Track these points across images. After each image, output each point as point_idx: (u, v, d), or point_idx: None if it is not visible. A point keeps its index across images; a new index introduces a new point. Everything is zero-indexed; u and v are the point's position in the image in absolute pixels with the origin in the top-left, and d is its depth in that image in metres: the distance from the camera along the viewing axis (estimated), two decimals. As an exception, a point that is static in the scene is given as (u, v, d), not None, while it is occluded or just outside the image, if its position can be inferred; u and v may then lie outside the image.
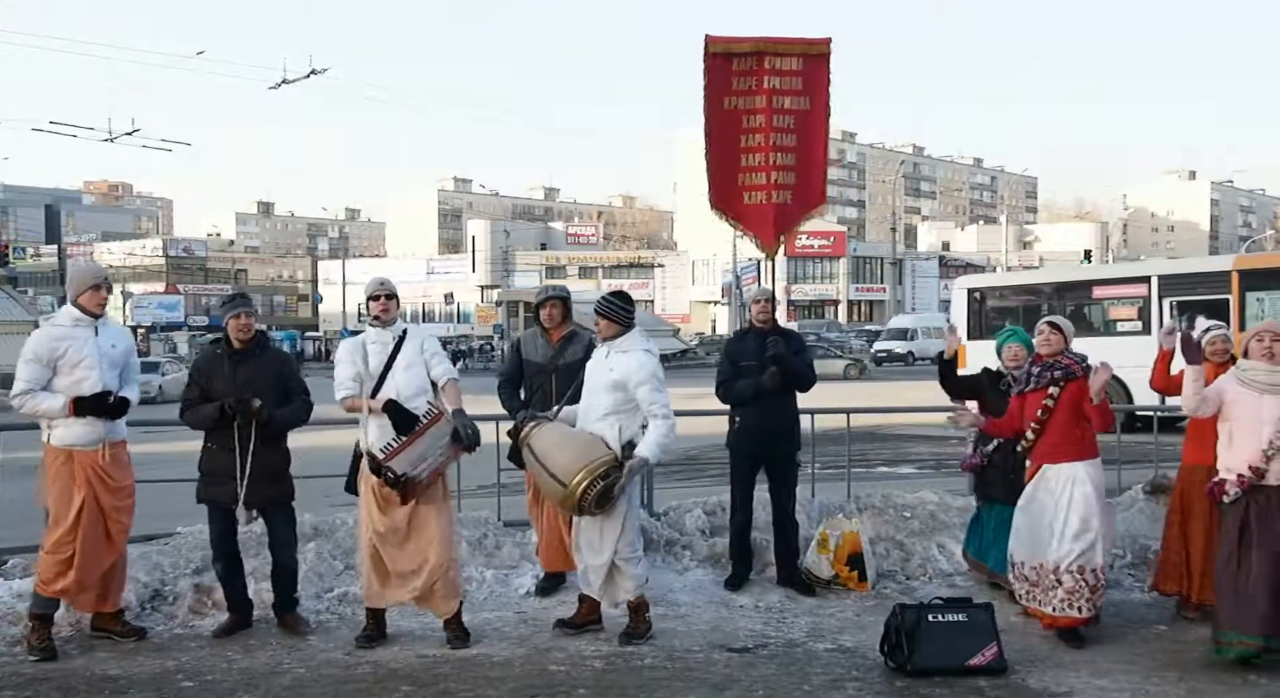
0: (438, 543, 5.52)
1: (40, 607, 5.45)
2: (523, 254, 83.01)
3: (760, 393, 6.48)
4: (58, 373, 5.42)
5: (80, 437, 5.43)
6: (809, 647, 5.57)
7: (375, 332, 5.73)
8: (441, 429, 5.46)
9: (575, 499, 5.27)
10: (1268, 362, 5.17)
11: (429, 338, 5.82)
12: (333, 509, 7.43)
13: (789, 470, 6.73)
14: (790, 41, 6.62)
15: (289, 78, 32.95)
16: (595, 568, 5.54)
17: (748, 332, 6.79)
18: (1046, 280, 20.86)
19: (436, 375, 5.69)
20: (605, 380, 5.52)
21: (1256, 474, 5.09)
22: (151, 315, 74.59)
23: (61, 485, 5.42)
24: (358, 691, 4.92)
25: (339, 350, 5.89)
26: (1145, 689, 4.87)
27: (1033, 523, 5.67)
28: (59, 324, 5.54)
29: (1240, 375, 5.25)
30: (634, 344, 5.61)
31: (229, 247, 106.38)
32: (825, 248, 73.48)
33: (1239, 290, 15.82)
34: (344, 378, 5.67)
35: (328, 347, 62.09)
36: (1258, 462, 5.09)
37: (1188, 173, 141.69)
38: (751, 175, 6.58)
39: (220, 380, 5.65)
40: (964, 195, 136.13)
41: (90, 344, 5.45)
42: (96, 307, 5.52)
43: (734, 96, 6.56)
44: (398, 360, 5.63)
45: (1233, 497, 5.16)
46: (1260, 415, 5.09)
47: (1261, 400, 5.12)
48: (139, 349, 37.46)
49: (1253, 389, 5.16)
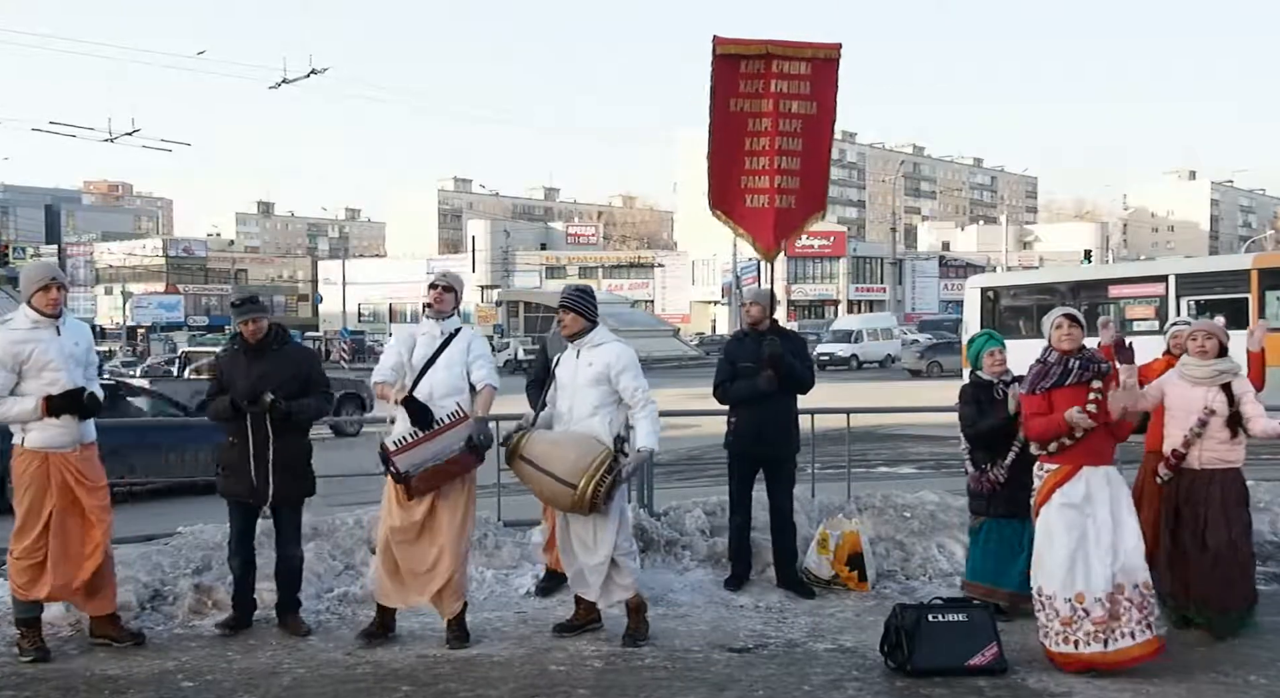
0: (450, 547, 5.50)
1: (22, 612, 5.40)
2: (523, 254, 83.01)
3: (757, 394, 6.48)
4: (24, 377, 5.28)
5: (55, 438, 5.34)
6: (809, 647, 5.57)
7: (429, 323, 5.70)
8: (459, 433, 5.44)
9: (588, 498, 5.26)
10: (1200, 357, 5.68)
11: (479, 339, 5.80)
12: (332, 509, 7.43)
13: (786, 472, 6.71)
14: (799, 45, 6.59)
15: (289, 78, 32.97)
16: (594, 567, 5.51)
17: (747, 333, 6.78)
18: (1062, 279, 20.72)
19: (476, 379, 5.64)
20: (585, 377, 5.50)
21: (1177, 457, 5.67)
22: (151, 315, 74.66)
23: (36, 489, 5.33)
24: (358, 691, 4.92)
25: (393, 334, 5.90)
26: (1145, 689, 4.86)
27: (1097, 539, 5.11)
28: (17, 328, 5.33)
29: (1180, 370, 5.79)
30: (605, 337, 5.62)
31: (229, 247, 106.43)
32: (825, 248, 73.44)
33: (1259, 289, 15.70)
34: (384, 364, 5.72)
35: (328, 347, 62.03)
36: (1180, 446, 5.65)
37: (1188, 173, 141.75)
38: (755, 178, 6.55)
39: (239, 376, 5.68)
40: (964, 195, 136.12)
41: (54, 345, 5.32)
42: (49, 306, 5.34)
43: (740, 99, 6.53)
44: (441, 358, 5.60)
45: (1164, 477, 5.75)
46: (1190, 405, 5.63)
47: (1193, 391, 5.65)
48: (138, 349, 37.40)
49: (1186, 381, 5.70)
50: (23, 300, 5.41)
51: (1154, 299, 17.11)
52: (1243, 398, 5.58)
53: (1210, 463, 5.61)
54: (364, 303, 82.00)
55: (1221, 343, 5.68)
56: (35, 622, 5.44)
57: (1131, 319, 17.50)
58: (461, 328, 5.73)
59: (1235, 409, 5.57)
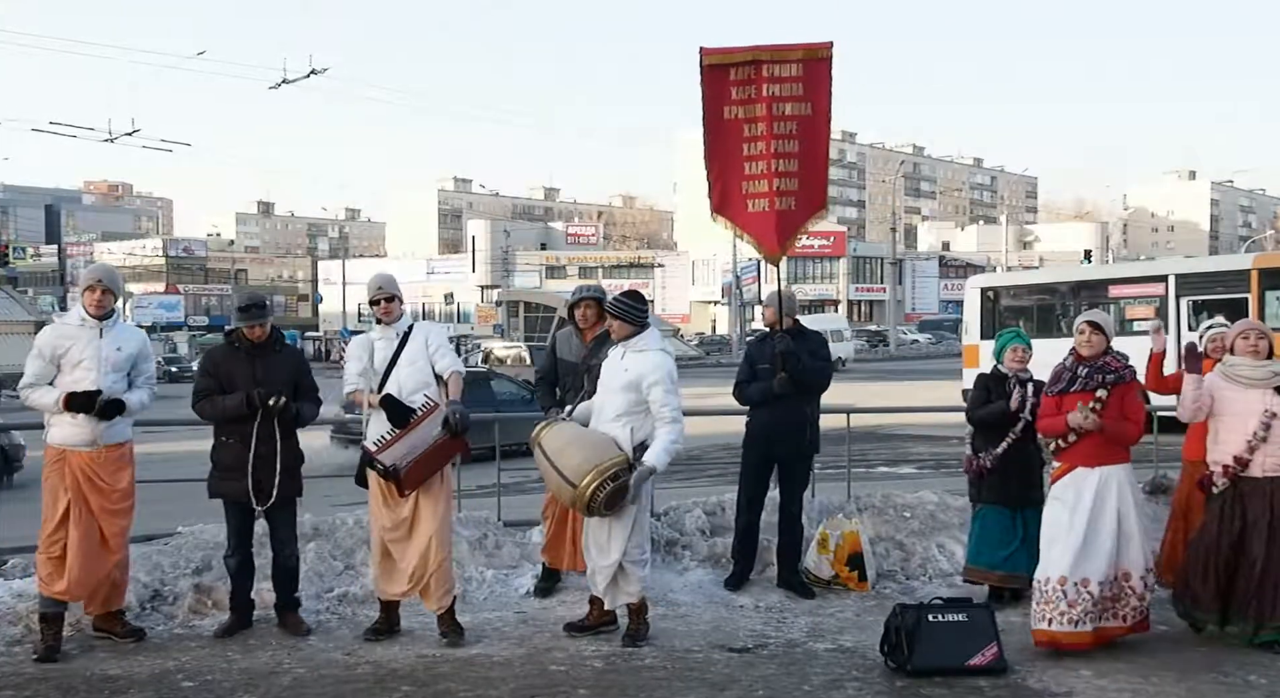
0: (435, 538, 5.56)
1: (44, 606, 5.45)
2: (523, 254, 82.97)
3: (770, 396, 6.49)
4: (61, 371, 5.48)
5: (70, 436, 5.44)
6: (809, 647, 5.57)
7: (381, 329, 5.79)
8: (434, 420, 5.51)
9: (585, 500, 5.28)
10: (1252, 357, 5.42)
11: (435, 331, 5.86)
12: (333, 509, 7.43)
13: (800, 473, 6.74)
14: (789, 48, 6.59)
15: (289, 78, 32.92)
16: (603, 569, 5.53)
17: (767, 334, 6.81)
18: (1062, 279, 20.62)
19: (441, 369, 5.71)
20: (619, 381, 5.53)
21: (1240, 464, 5.35)
22: (152, 316, 74.60)
23: (52, 484, 5.45)
24: (357, 691, 4.91)
25: (349, 347, 5.95)
26: (1145, 689, 4.86)
27: (1095, 531, 5.30)
28: (67, 323, 5.61)
29: (1226, 371, 5.49)
30: (650, 343, 5.61)
31: (229, 247, 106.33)
32: (825, 248, 73.46)
33: (1259, 289, 15.67)
34: (351, 374, 5.77)
35: (328, 347, 62.04)
36: (1243, 453, 5.34)
37: (1188, 173, 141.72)
38: (754, 183, 6.55)
39: (240, 375, 5.68)
40: (964, 195, 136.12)
41: (92, 346, 5.46)
42: (92, 307, 5.50)
43: (733, 106, 6.53)
44: (402, 356, 5.68)
45: (1220, 488, 5.43)
46: (1245, 409, 5.35)
47: (1246, 394, 5.38)
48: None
49: (1238, 384, 5.41)
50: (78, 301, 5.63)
51: (1154, 299, 17.08)
52: None
53: (1274, 470, 5.33)
54: (364, 303, 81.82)
55: (1271, 343, 5.48)
56: (55, 619, 5.46)
57: (1131, 319, 17.49)
58: (413, 324, 5.79)
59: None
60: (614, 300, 5.75)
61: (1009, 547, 6.20)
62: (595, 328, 6.44)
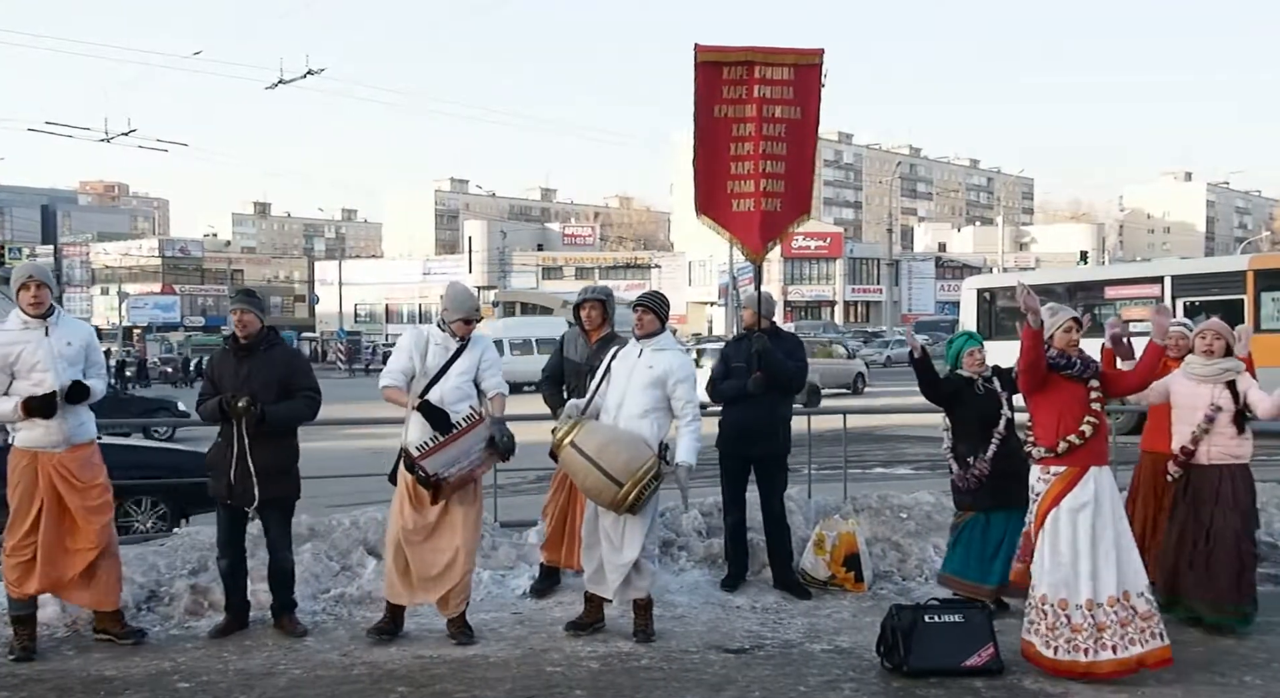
0: (464, 550, 5.56)
1: (16, 609, 5.42)
2: (519, 255, 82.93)
3: (744, 394, 6.50)
4: (16, 377, 5.36)
5: (40, 439, 5.38)
6: (805, 648, 5.58)
7: (444, 335, 5.72)
8: (479, 434, 5.49)
9: (629, 500, 5.31)
10: (1205, 356, 5.84)
11: (490, 348, 5.84)
12: (329, 510, 7.43)
13: (775, 472, 6.73)
14: (781, 52, 6.65)
15: (286, 78, 32.82)
16: (617, 567, 5.53)
17: (745, 335, 6.82)
18: (1059, 280, 20.69)
19: (487, 387, 5.73)
20: (644, 378, 5.58)
21: (1185, 453, 5.79)
22: (148, 316, 74.57)
23: (25, 487, 5.38)
24: (354, 692, 4.91)
25: (401, 338, 5.83)
26: (1143, 690, 4.87)
27: (1113, 542, 5.03)
28: (8, 329, 5.41)
29: (1185, 369, 5.93)
30: (669, 343, 5.77)
31: (225, 247, 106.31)
32: (821, 249, 73.48)
33: (1254, 290, 15.73)
34: (394, 367, 5.68)
35: (324, 347, 62.01)
36: (1188, 443, 5.78)
37: (1184, 174, 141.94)
38: (740, 183, 6.60)
39: (228, 375, 5.69)
40: (960, 196, 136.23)
41: (43, 346, 5.35)
42: (30, 306, 5.37)
43: (724, 105, 6.58)
44: (454, 366, 5.65)
45: (1174, 475, 5.89)
46: (1196, 403, 5.78)
47: (1199, 389, 5.80)
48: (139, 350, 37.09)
49: (1192, 380, 5.85)
50: (15, 303, 5.46)
51: (1150, 300, 17.13)
52: (1247, 391, 5.74)
53: (1219, 458, 5.75)
54: (360, 304, 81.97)
55: (1229, 343, 5.85)
56: (28, 620, 5.44)
57: (1128, 320, 17.56)
58: (473, 337, 5.76)
59: (1240, 406, 5.73)
60: (647, 294, 5.85)
61: (995, 559, 5.95)
62: (600, 329, 6.46)
